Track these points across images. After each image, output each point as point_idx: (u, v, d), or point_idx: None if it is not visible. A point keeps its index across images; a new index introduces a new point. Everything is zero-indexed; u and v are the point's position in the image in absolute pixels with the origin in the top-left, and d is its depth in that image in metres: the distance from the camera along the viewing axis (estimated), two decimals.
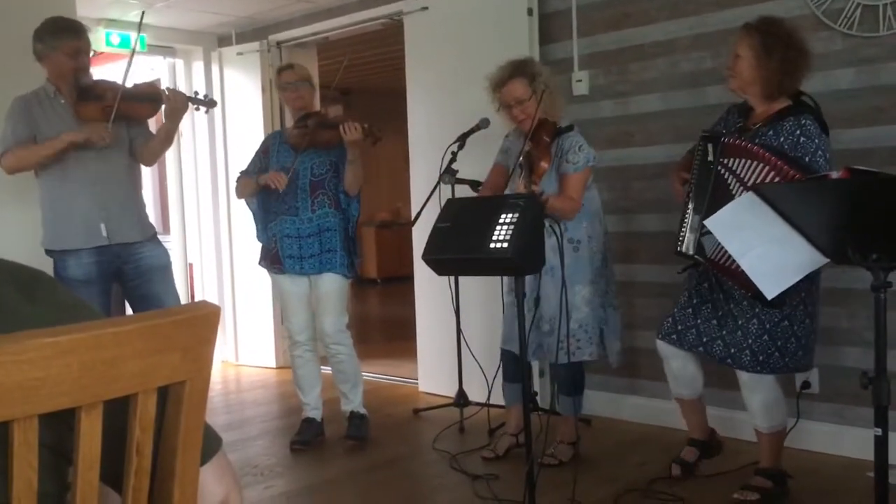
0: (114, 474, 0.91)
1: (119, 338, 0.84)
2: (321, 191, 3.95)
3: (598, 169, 4.29)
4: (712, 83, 3.81)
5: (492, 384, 3.79)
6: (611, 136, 4.25)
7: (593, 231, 3.53)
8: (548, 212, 3.02)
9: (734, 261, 2.58)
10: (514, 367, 3.66)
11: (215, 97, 6.06)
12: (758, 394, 3.02)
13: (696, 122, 3.63)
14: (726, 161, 2.86)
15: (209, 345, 0.94)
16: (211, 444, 1.03)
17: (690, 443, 3.36)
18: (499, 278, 3.60)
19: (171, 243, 6.36)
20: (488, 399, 3.99)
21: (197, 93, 3.88)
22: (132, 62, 3.71)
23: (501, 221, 2.65)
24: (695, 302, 3.11)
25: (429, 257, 2.87)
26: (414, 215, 4.08)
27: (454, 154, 3.93)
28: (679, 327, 3.13)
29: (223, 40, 6.25)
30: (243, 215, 6.02)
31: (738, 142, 2.86)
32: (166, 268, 3.79)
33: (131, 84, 3.71)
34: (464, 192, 4.02)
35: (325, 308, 3.98)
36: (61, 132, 3.51)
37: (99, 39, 5.46)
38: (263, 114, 5.90)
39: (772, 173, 2.74)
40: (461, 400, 4.35)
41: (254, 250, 5.98)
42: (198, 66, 6.33)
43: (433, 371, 4.94)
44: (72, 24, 3.63)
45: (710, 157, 2.88)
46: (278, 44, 5.94)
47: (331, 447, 3.99)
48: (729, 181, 2.85)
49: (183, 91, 3.87)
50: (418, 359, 5.09)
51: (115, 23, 5.64)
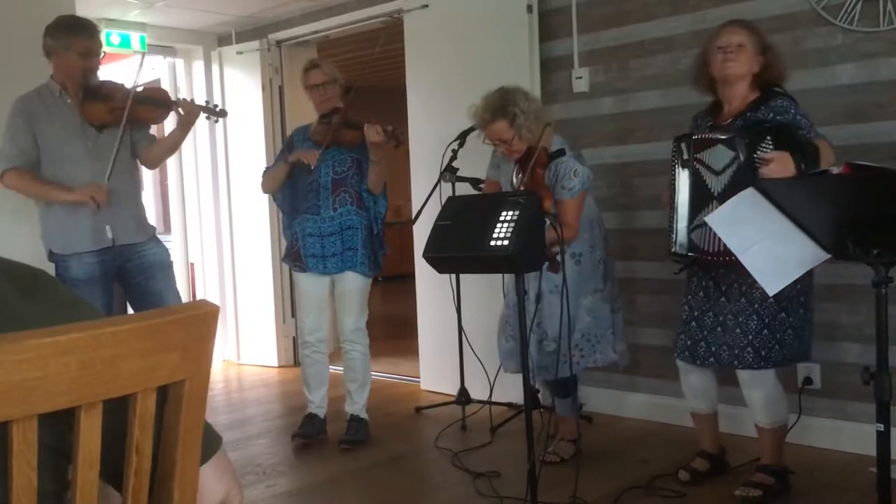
0: (114, 473, 0.92)
1: (118, 337, 0.83)
2: (343, 188, 3.92)
3: (599, 166, 4.30)
4: None
5: (493, 382, 3.79)
6: (611, 132, 4.25)
7: (594, 240, 3.48)
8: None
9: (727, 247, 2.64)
10: (555, 385, 3.55)
11: (215, 96, 6.10)
12: (759, 389, 3.02)
13: None
14: (699, 156, 2.98)
15: (208, 344, 0.94)
16: (211, 443, 1.03)
17: (701, 454, 3.33)
18: (499, 277, 3.59)
19: (173, 243, 6.36)
20: (490, 397, 4.00)
21: (208, 101, 3.84)
22: (142, 65, 3.72)
23: (502, 219, 2.65)
24: (696, 314, 3.13)
25: (429, 255, 2.86)
26: (415, 213, 4.09)
27: (455, 152, 3.93)
28: (689, 342, 3.14)
29: (223, 39, 6.24)
30: (245, 214, 6.04)
31: (704, 135, 3.01)
32: (168, 265, 3.80)
33: (140, 87, 3.70)
34: (464, 189, 4.01)
35: (345, 307, 3.99)
36: (62, 133, 3.51)
37: None
38: (264, 113, 5.89)
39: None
40: (463, 398, 4.35)
41: (255, 249, 6.03)
42: (198, 65, 6.33)
43: (435, 369, 4.94)
44: (87, 24, 3.61)
45: (686, 156, 3.02)
46: (278, 43, 5.94)
47: (333, 446, 3.99)
48: (703, 175, 2.98)
49: (194, 100, 3.85)
50: (420, 357, 5.09)
51: (115, 22, 5.64)
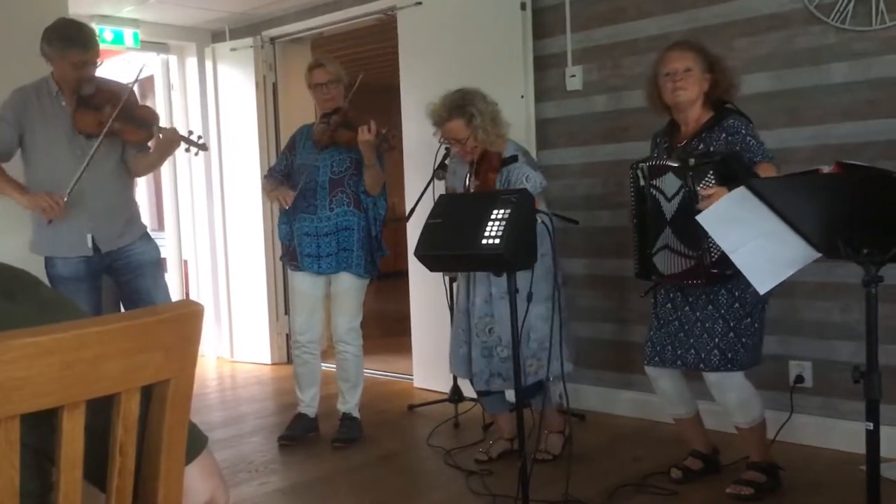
0: (98, 474, 0.91)
1: (101, 337, 0.83)
2: (340, 189, 3.92)
3: (592, 163, 4.30)
4: None
5: None
6: (604, 130, 4.25)
7: (545, 248, 3.32)
8: None
9: (684, 268, 2.94)
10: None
11: (209, 93, 6.08)
12: (731, 392, 3.06)
13: None
14: (654, 182, 3.05)
15: (193, 344, 0.94)
16: (196, 443, 1.03)
17: (694, 454, 3.34)
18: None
19: (166, 240, 6.34)
20: None
21: (191, 132, 3.78)
22: (138, 77, 3.68)
23: (493, 217, 2.65)
24: (662, 323, 3.20)
25: (421, 253, 2.86)
26: (408, 211, 4.08)
27: (448, 149, 3.92)
28: (658, 348, 3.20)
29: (216, 36, 6.23)
30: (238, 211, 6.03)
31: (658, 162, 3.08)
32: (156, 263, 3.77)
33: (133, 97, 3.66)
34: None
35: (339, 307, 4.00)
36: (51, 134, 3.49)
37: None
38: (257, 110, 5.88)
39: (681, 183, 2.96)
40: (456, 396, 4.35)
41: (248, 246, 6.02)
42: (191, 61, 6.31)
43: (428, 367, 4.94)
44: (81, 35, 3.50)
45: (643, 182, 3.11)
46: (272, 40, 5.93)
47: (325, 444, 3.99)
48: (659, 200, 3.05)
49: (177, 129, 3.78)
50: (413, 354, 5.09)
51: (108, 19, 5.62)
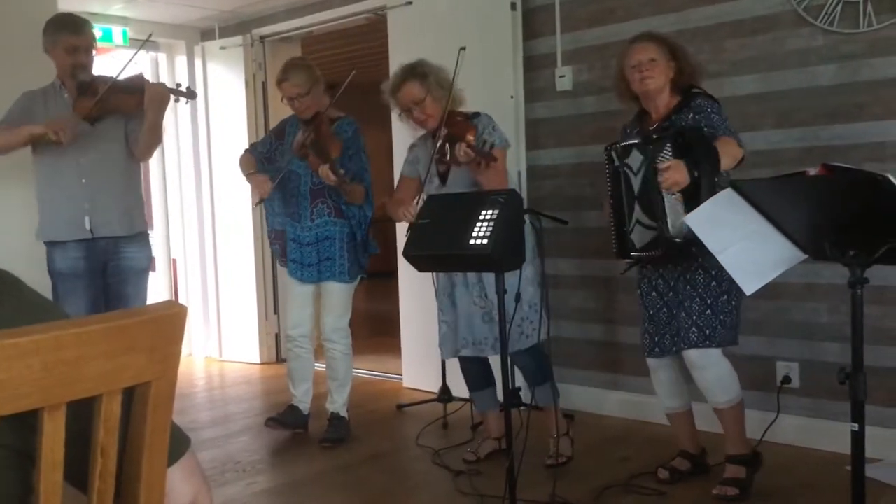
0: (79, 476, 0.90)
1: (82, 338, 0.83)
2: (321, 199, 3.93)
3: (582, 164, 4.31)
4: None
5: None
6: (594, 131, 4.25)
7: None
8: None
9: (659, 245, 2.95)
10: (476, 374, 3.64)
11: (198, 92, 6.05)
12: (709, 370, 3.08)
13: None
14: (626, 161, 3.10)
15: (175, 345, 0.93)
16: (178, 444, 1.02)
17: (682, 454, 3.34)
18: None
19: (155, 239, 6.31)
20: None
21: (179, 84, 3.84)
22: (132, 59, 3.68)
23: (481, 218, 2.65)
24: (651, 313, 3.22)
25: (409, 254, 2.86)
26: None
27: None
28: (656, 338, 3.22)
29: (206, 34, 6.21)
30: (228, 210, 6.01)
31: (627, 142, 3.14)
32: (143, 271, 3.81)
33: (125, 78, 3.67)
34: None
35: (326, 307, 4.05)
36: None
37: None
38: (247, 108, 5.87)
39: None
40: (445, 395, 4.35)
41: (237, 245, 6.00)
42: (181, 60, 6.29)
43: (417, 366, 4.94)
44: (71, 21, 3.58)
45: (617, 163, 3.15)
46: (262, 38, 5.91)
47: (314, 443, 3.99)
48: (630, 177, 3.08)
49: (164, 83, 3.83)
50: (402, 354, 5.08)
51: (98, 16, 5.59)
